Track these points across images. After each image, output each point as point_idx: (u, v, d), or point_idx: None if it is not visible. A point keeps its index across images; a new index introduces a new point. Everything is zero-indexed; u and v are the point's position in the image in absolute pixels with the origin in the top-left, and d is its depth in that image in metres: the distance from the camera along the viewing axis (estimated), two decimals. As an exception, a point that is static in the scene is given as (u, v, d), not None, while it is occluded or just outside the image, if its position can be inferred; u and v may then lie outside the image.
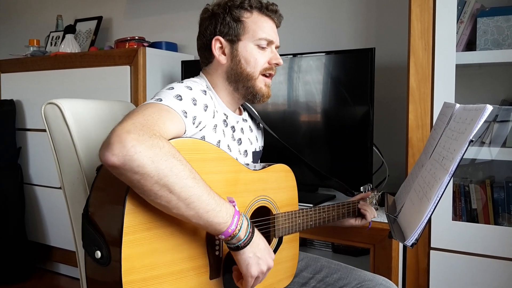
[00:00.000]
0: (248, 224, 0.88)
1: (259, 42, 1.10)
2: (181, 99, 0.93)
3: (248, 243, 0.87)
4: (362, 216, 1.29)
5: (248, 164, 1.14)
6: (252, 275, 0.89)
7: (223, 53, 1.11)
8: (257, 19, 1.11)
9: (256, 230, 0.91)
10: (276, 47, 1.15)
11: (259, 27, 1.11)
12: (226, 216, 0.83)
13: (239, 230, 0.85)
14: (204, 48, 1.13)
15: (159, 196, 0.77)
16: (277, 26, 1.16)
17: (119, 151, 0.73)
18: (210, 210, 0.81)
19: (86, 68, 2.27)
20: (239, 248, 0.86)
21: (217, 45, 1.10)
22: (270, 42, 1.12)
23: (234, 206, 0.87)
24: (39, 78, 2.44)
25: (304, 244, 2.04)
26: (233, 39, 1.10)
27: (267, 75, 1.14)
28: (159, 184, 0.76)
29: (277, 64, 1.14)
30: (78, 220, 0.92)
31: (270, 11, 1.13)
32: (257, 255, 0.89)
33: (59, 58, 2.37)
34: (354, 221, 1.29)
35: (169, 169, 0.76)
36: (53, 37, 2.76)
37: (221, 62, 1.11)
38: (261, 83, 1.12)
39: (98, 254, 0.81)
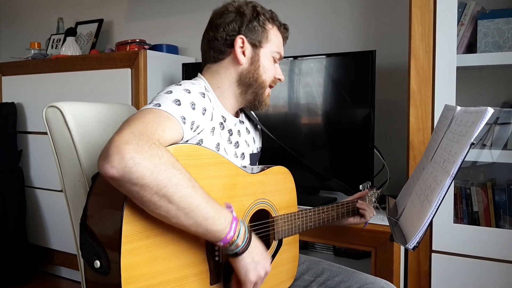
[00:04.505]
0: (245, 230, 0.89)
1: (275, 55, 1.14)
2: (179, 104, 0.92)
3: (246, 249, 0.88)
4: (361, 215, 1.30)
5: (245, 167, 1.14)
6: (251, 281, 0.90)
7: (243, 53, 1.10)
8: (276, 33, 1.15)
9: (253, 235, 0.92)
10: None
11: (278, 40, 1.15)
12: (224, 223, 0.84)
13: (237, 237, 0.86)
14: (222, 42, 1.10)
15: (158, 206, 0.77)
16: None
17: (118, 163, 0.72)
18: (209, 218, 0.82)
19: (87, 71, 2.27)
20: (237, 254, 0.87)
21: (239, 43, 1.09)
22: (280, 58, 1.17)
23: (231, 212, 0.88)
24: (40, 81, 2.45)
25: (306, 247, 2.03)
26: (256, 44, 1.10)
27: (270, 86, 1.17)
28: (158, 194, 0.76)
29: (279, 79, 1.18)
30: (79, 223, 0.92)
31: (286, 30, 1.18)
32: (255, 260, 0.90)
33: (60, 61, 2.37)
34: (353, 219, 1.29)
35: (168, 179, 0.76)
36: (54, 40, 2.76)
37: (240, 61, 1.09)
38: (266, 92, 1.15)
39: (97, 263, 0.80)
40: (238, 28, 1.09)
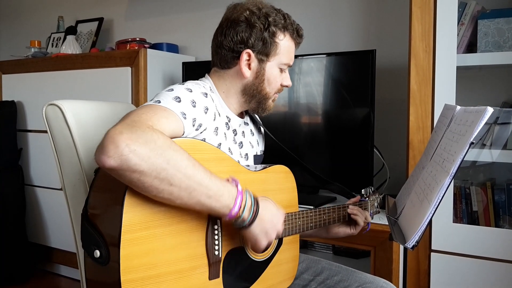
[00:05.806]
0: (252, 203, 0.89)
1: (282, 66, 1.12)
2: (180, 101, 0.92)
3: (254, 221, 0.89)
4: (354, 222, 1.25)
5: (248, 166, 1.14)
6: (261, 248, 0.93)
7: (249, 66, 1.09)
8: (287, 43, 1.11)
9: (262, 202, 0.92)
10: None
11: (287, 52, 1.12)
12: (228, 199, 0.85)
13: (242, 211, 0.86)
14: (228, 52, 1.08)
15: (160, 190, 0.77)
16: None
17: (114, 152, 0.73)
18: (212, 196, 0.82)
19: (87, 69, 2.27)
20: (245, 227, 0.89)
21: (246, 57, 1.08)
22: (289, 66, 1.15)
23: (236, 186, 0.88)
24: (40, 79, 2.45)
25: (305, 246, 2.03)
26: (263, 59, 1.09)
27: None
28: (159, 178, 0.76)
29: (287, 85, 1.16)
30: (79, 221, 0.92)
31: (299, 36, 1.15)
32: (265, 228, 0.91)
33: (60, 59, 2.37)
34: (349, 230, 1.27)
35: (166, 162, 0.76)
36: (54, 38, 2.76)
37: (245, 75, 1.08)
38: (270, 101, 1.15)
39: (97, 253, 0.81)
40: (247, 39, 1.06)
